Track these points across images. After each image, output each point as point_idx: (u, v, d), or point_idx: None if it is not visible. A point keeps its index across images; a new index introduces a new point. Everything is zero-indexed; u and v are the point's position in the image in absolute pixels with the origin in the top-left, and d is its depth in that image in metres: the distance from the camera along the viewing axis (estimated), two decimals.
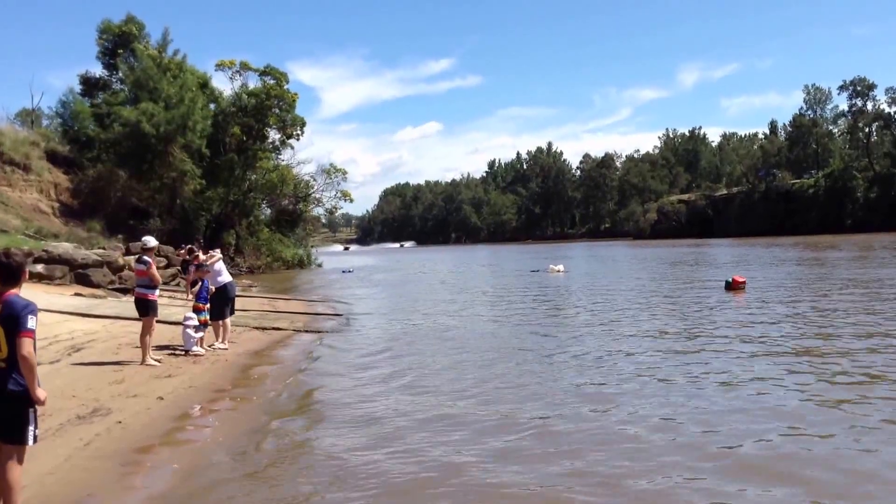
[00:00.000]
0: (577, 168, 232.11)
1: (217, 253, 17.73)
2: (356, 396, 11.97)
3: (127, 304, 21.15)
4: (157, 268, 15.02)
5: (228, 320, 16.64)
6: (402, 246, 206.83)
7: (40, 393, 5.96)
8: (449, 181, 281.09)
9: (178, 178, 52.38)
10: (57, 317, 18.60)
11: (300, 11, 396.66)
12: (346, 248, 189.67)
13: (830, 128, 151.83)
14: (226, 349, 16.09)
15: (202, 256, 18.19)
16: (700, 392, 11.34)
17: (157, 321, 14.63)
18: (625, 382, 12.18)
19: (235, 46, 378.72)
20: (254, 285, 39.05)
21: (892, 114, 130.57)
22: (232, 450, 9.00)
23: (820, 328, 17.54)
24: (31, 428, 6.02)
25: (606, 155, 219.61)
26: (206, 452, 8.98)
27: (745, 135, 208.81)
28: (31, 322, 5.85)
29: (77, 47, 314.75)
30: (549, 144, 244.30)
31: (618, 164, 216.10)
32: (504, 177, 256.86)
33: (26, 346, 5.76)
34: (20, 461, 6.10)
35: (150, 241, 14.86)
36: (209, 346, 15.82)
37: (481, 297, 31.78)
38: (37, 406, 6.04)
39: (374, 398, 11.73)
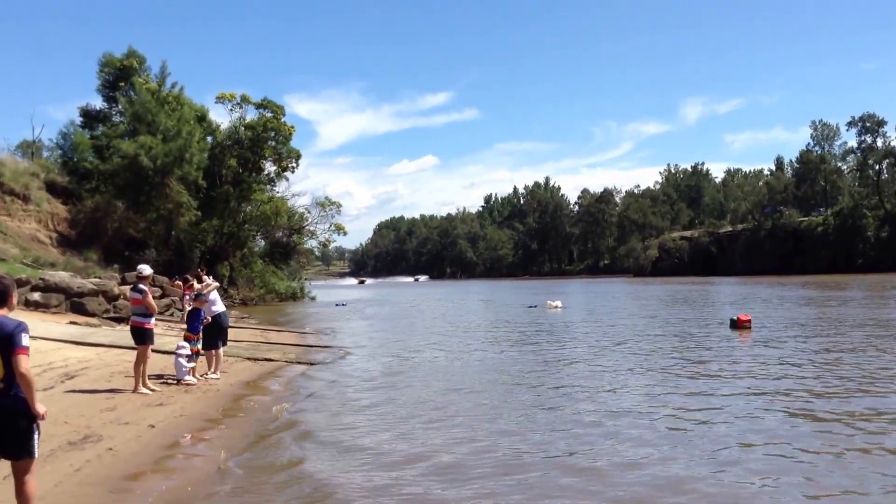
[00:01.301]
0: (576, 203, 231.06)
1: (213, 282, 17.92)
2: (346, 429, 12.08)
3: (121, 333, 21.36)
4: (153, 297, 15.19)
5: (221, 350, 16.79)
6: (416, 280, 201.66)
7: (40, 407, 6.16)
8: (444, 215, 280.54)
9: (175, 210, 52.57)
10: (52, 344, 18.77)
11: (298, 45, 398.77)
12: (362, 282, 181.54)
13: (839, 164, 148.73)
14: (218, 379, 16.24)
15: (197, 285, 18.38)
16: (707, 444, 11.36)
17: (151, 350, 14.78)
18: (627, 427, 12.14)
19: (234, 79, 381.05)
20: (245, 317, 39.21)
21: None
22: (221, 479, 9.16)
23: (827, 370, 17.30)
24: (35, 440, 6.27)
25: (605, 190, 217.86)
26: (196, 481, 9.09)
27: (750, 171, 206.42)
28: (24, 339, 6.04)
29: (79, 80, 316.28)
30: (547, 179, 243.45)
31: (617, 199, 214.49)
32: (500, 211, 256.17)
33: (23, 362, 5.96)
34: (33, 473, 6.38)
35: (146, 269, 15.05)
36: (201, 376, 15.97)
37: (476, 332, 31.74)
38: (38, 420, 6.22)
39: (364, 432, 11.84)
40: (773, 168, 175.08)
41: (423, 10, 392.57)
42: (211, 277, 20.78)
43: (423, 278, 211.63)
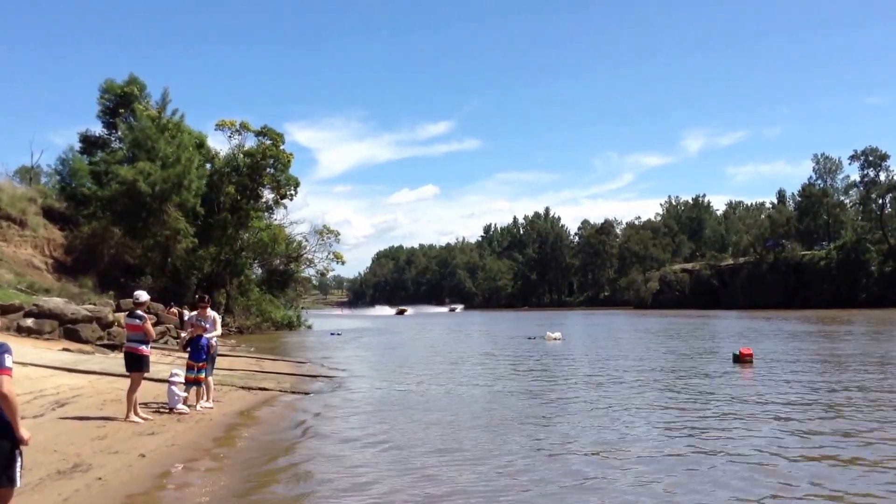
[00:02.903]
0: (576, 234, 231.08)
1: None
2: (338, 461, 11.96)
3: (114, 360, 21.17)
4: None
5: (210, 378, 16.59)
6: (452, 310, 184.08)
7: (24, 432, 5.96)
8: (443, 245, 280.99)
9: (172, 237, 52.52)
10: (43, 371, 18.63)
11: (299, 73, 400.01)
12: (402, 312, 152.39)
13: (842, 198, 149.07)
14: (211, 408, 16.04)
15: (187, 313, 18.20)
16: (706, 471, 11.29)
17: (144, 378, 14.57)
18: (625, 462, 12.05)
19: (234, 106, 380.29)
20: (239, 345, 39.03)
21: None
22: None
23: (830, 407, 17.19)
24: (17, 467, 6.03)
25: (606, 221, 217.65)
26: None
27: (752, 204, 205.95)
28: (7, 361, 5.88)
29: (79, 106, 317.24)
30: (547, 209, 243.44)
31: (618, 230, 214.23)
32: (500, 241, 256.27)
33: (6, 384, 5.78)
34: (11, 502, 6.14)
35: (143, 295, 14.89)
36: (190, 406, 15.71)
37: (474, 363, 31.67)
38: (21, 446, 6.02)
39: (356, 463, 11.72)
40: (776, 201, 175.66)
41: (424, 39, 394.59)
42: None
43: (458, 308, 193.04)
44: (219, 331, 17.00)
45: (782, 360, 29.30)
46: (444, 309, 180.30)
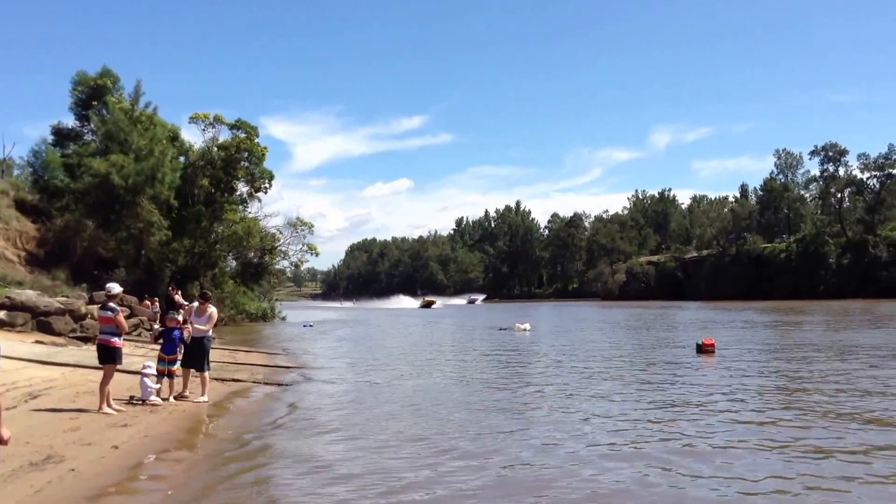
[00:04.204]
0: (546, 227, 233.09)
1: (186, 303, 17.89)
2: (310, 451, 12.06)
3: (87, 353, 21.24)
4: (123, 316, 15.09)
5: (207, 374, 16.78)
6: (472, 302, 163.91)
7: (4, 432, 5.96)
8: (416, 238, 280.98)
9: (145, 230, 52.25)
10: (16, 364, 18.59)
11: (275, 67, 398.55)
12: (429, 305, 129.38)
13: (802, 192, 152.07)
14: (206, 401, 16.25)
15: (180, 299, 18.32)
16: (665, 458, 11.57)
17: (117, 370, 14.69)
18: (588, 445, 12.39)
19: (210, 100, 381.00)
20: (214, 337, 38.95)
21: (865, 180, 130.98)
22: (182, 500, 9.18)
23: (787, 393, 17.89)
24: None
25: (575, 215, 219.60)
26: (157, 502, 9.14)
27: (716, 198, 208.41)
28: None
29: (51, 98, 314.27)
30: (518, 203, 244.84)
31: (586, 224, 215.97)
32: (471, 234, 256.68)
33: None
34: None
35: (115, 287, 14.90)
36: (164, 398, 15.85)
37: (446, 354, 31.89)
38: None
39: (328, 454, 11.82)
40: (738, 195, 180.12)
41: (399, 35, 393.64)
42: (179, 294, 20.79)
43: (478, 299, 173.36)
44: (209, 326, 17.16)
45: (743, 349, 29.98)
46: (462, 301, 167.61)
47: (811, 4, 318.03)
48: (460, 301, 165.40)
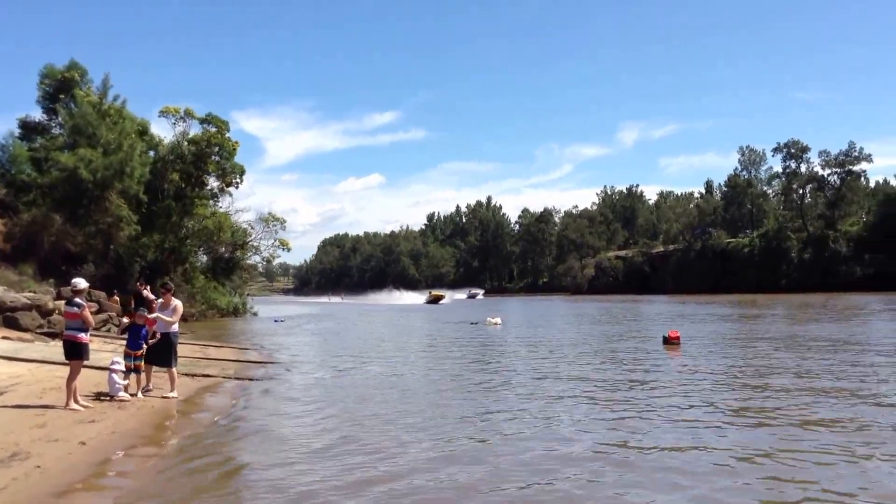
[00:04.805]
0: (516, 222, 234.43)
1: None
2: (279, 444, 12.02)
3: (54, 349, 21.02)
4: (90, 312, 14.91)
5: (175, 369, 16.66)
6: (473, 297, 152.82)
7: None
8: (388, 233, 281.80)
9: (114, 224, 51.87)
10: None
11: (247, 62, 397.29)
12: (437, 300, 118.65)
13: (765, 188, 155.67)
14: (176, 397, 16.13)
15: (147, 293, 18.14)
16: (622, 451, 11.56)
17: (84, 365, 14.53)
18: (552, 438, 12.36)
19: (181, 94, 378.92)
20: (183, 333, 38.75)
21: (825, 176, 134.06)
22: (150, 495, 9.08)
23: (748, 382, 18.13)
24: None
25: (545, 210, 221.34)
26: (126, 499, 9.02)
27: (682, 194, 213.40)
28: None
29: (19, 92, 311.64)
30: (489, 198, 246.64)
31: (556, 219, 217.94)
32: (443, 229, 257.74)
33: None
34: None
35: (81, 282, 14.70)
36: (132, 394, 15.70)
37: (417, 347, 31.93)
38: None
39: (297, 449, 11.72)
40: (703, 191, 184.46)
41: (372, 30, 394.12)
42: (148, 289, 20.62)
43: (479, 294, 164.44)
44: (175, 319, 17.03)
45: (707, 341, 30.43)
46: (462, 295, 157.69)
47: (775, 4, 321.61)
48: (460, 296, 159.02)
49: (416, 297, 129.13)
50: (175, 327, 16.82)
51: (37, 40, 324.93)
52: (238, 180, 65.71)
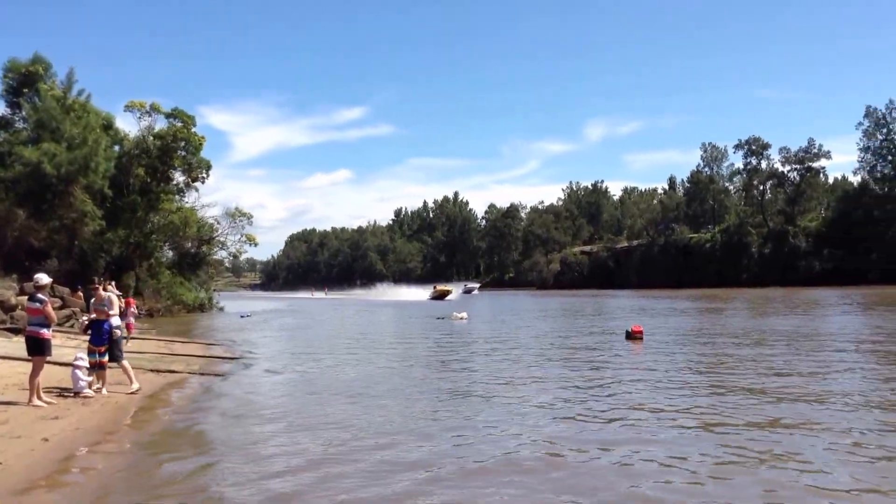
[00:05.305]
0: (483, 218, 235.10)
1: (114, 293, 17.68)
2: (245, 439, 12.05)
3: (17, 344, 20.92)
4: (52, 308, 14.87)
5: (126, 362, 16.61)
6: (469, 291, 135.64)
7: None
8: (355, 228, 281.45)
9: (78, 219, 51.54)
10: None
11: (213, 56, 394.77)
12: (442, 296, 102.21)
13: (727, 185, 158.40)
14: (139, 389, 16.18)
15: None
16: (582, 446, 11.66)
17: (47, 361, 14.49)
18: (509, 435, 12.39)
19: (147, 88, 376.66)
20: (150, 329, 38.69)
21: (785, 172, 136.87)
22: (115, 491, 9.11)
23: (710, 375, 18.48)
24: None
25: (511, 205, 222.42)
26: (89, 495, 9.01)
27: (645, 189, 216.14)
28: None
29: None
30: (456, 194, 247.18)
31: (523, 214, 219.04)
32: (410, 225, 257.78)
33: None
34: None
35: (43, 278, 14.61)
36: (96, 389, 15.66)
37: (382, 342, 31.95)
38: None
39: (264, 445, 11.73)
40: (667, 187, 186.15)
41: (339, 25, 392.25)
42: (113, 285, 20.57)
43: (475, 289, 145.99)
44: (114, 311, 16.83)
45: (669, 335, 30.90)
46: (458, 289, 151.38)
47: (737, 3, 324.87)
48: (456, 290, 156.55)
49: (419, 293, 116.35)
50: (115, 320, 16.65)
51: None
52: (204, 175, 65.42)
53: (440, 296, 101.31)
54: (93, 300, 17.29)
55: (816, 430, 11.68)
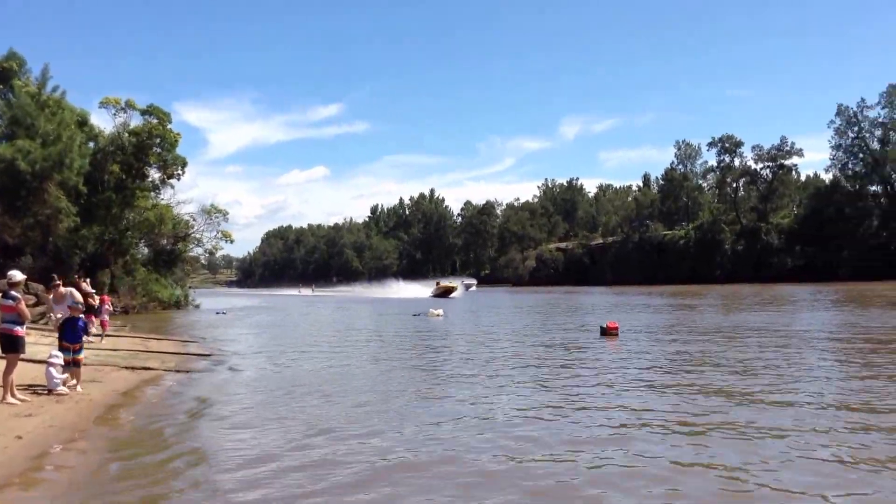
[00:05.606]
0: (459, 215, 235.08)
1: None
2: (219, 436, 12.11)
3: None
4: (26, 305, 14.87)
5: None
6: (468, 288, 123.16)
7: None
8: (332, 225, 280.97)
9: (53, 216, 51.36)
10: None
11: (189, 53, 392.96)
12: (447, 293, 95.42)
13: (700, 182, 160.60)
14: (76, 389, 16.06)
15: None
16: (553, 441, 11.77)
17: (21, 359, 14.52)
18: (495, 426, 12.54)
19: (122, 85, 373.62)
20: (124, 325, 38.61)
21: (758, 170, 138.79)
22: (88, 489, 9.16)
23: (685, 370, 18.74)
24: None
25: (487, 203, 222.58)
26: (62, 493, 9.06)
27: (620, 187, 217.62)
28: None
29: None
30: (432, 191, 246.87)
31: (498, 211, 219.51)
32: (386, 222, 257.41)
33: None
34: None
35: (17, 275, 14.57)
36: (70, 387, 15.61)
37: (359, 339, 31.96)
38: None
39: (237, 439, 11.83)
40: (641, 184, 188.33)
41: (315, 22, 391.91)
42: (88, 283, 20.58)
43: (473, 285, 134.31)
44: (67, 305, 16.73)
45: (644, 331, 31.18)
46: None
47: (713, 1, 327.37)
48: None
49: (419, 290, 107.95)
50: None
51: None
52: (180, 172, 65.17)
53: (444, 293, 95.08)
54: (51, 296, 17.30)
55: (784, 430, 11.71)
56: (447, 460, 10.31)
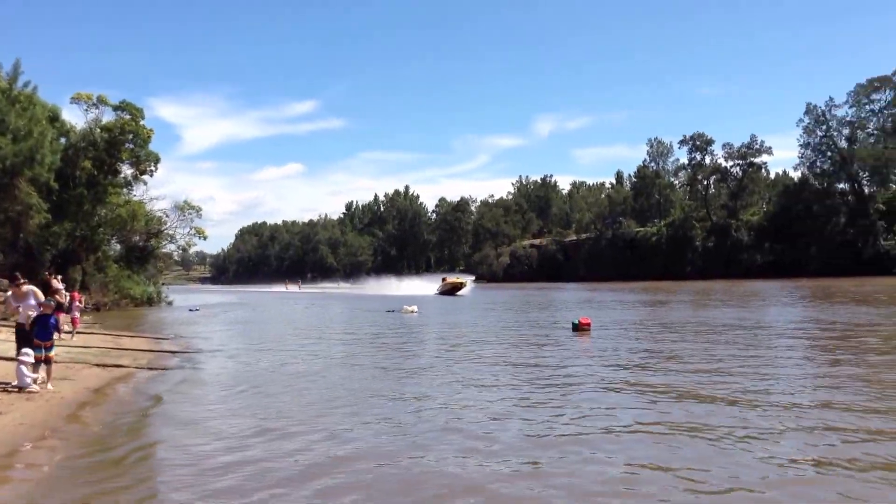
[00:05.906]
0: (433, 211, 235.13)
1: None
2: (190, 434, 12.10)
3: None
4: None
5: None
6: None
7: None
8: (306, 221, 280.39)
9: (24, 212, 51.08)
10: None
11: (162, 47, 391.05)
12: (454, 290, 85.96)
13: (672, 179, 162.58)
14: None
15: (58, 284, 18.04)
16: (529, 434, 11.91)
17: None
18: (468, 422, 12.67)
19: (94, 80, 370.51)
20: (95, 323, 38.53)
21: (728, 168, 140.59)
22: (59, 487, 9.20)
23: (657, 365, 19.01)
24: None
25: (462, 199, 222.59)
26: (33, 491, 9.12)
27: (594, 184, 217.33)
28: None
29: None
30: (407, 188, 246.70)
31: (473, 208, 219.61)
32: (361, 218, 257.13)
33: None
34: None
35: None
36: (40, 384, 15.60)
37: (332, 336, 32.12)
38: None
39: (209, 437, 11.85)
40: (614, 181, 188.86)
41: (290, 17, 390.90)
42: (59, 279, 20.57)
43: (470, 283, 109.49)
44: (33, 302, 16.56)
45: (616, 327, 31.52)
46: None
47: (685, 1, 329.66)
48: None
49: (424, 286, 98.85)
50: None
51: None
52: (153, 168, 64.93)
53: (452, 289, 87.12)
54: (9, 294, 17.29)
55: (749, 430, 11.76)
56: (389, 455, 10.44)
